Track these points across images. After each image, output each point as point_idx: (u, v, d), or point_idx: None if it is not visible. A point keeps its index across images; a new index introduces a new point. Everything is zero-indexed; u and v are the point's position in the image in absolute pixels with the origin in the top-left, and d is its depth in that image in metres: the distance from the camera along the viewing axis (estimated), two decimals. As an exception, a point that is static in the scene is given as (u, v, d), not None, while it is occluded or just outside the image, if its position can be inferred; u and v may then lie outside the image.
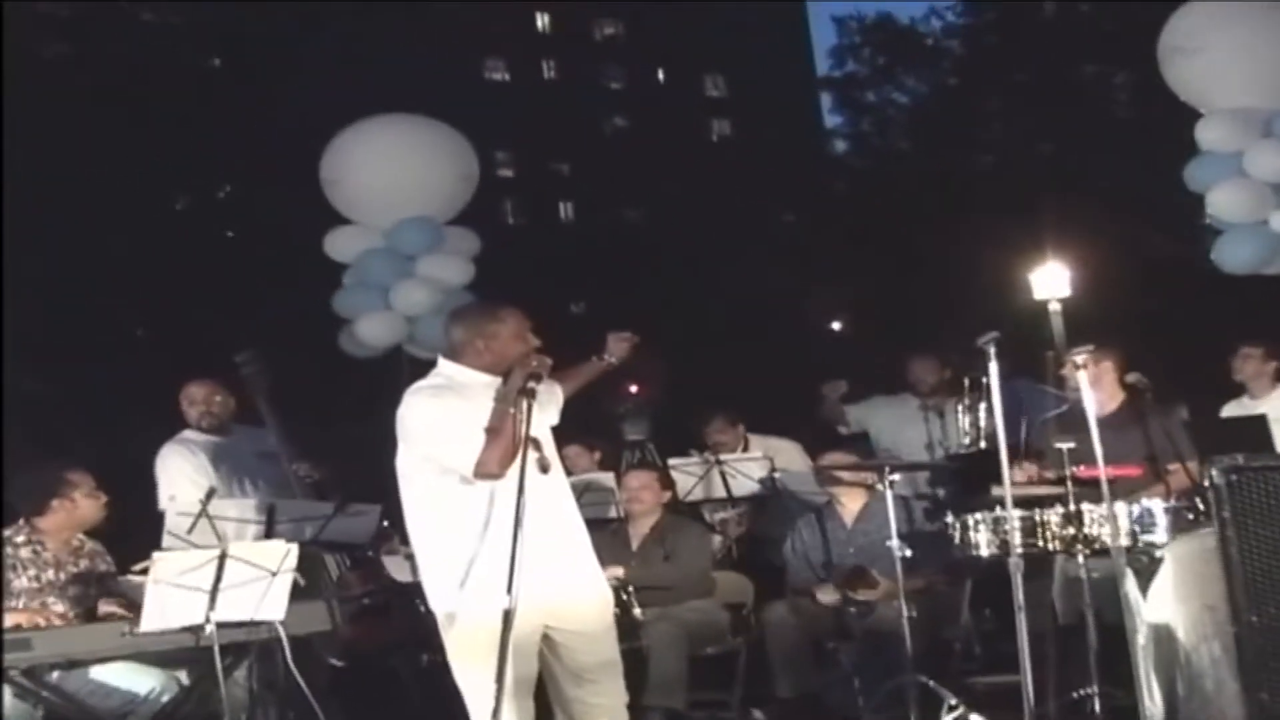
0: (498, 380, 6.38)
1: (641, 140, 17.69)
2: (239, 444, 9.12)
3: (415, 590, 8.20)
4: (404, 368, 12.20)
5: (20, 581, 7.30)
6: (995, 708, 7.87)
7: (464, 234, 12.47)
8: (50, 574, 7.38)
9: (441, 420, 6.29)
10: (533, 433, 6.28)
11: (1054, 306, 8.16)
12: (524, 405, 6.13)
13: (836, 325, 16.98)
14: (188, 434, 9.09)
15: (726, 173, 17.30)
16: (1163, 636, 6.03)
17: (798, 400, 11.18)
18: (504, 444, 6.19)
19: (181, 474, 8.86)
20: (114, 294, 14.05)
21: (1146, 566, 6.22)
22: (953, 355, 10.63)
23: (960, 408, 9.56)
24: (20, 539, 7.39)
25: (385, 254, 12.13)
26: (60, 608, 7.30)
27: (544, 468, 6.38)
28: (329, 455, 9.13)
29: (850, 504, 9.13)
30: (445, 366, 6.52)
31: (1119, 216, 13.88)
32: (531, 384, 6.19)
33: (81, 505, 7.52)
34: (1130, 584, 6.40)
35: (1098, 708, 7.58)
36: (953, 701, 7.86)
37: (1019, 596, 6.73)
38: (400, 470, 6.42)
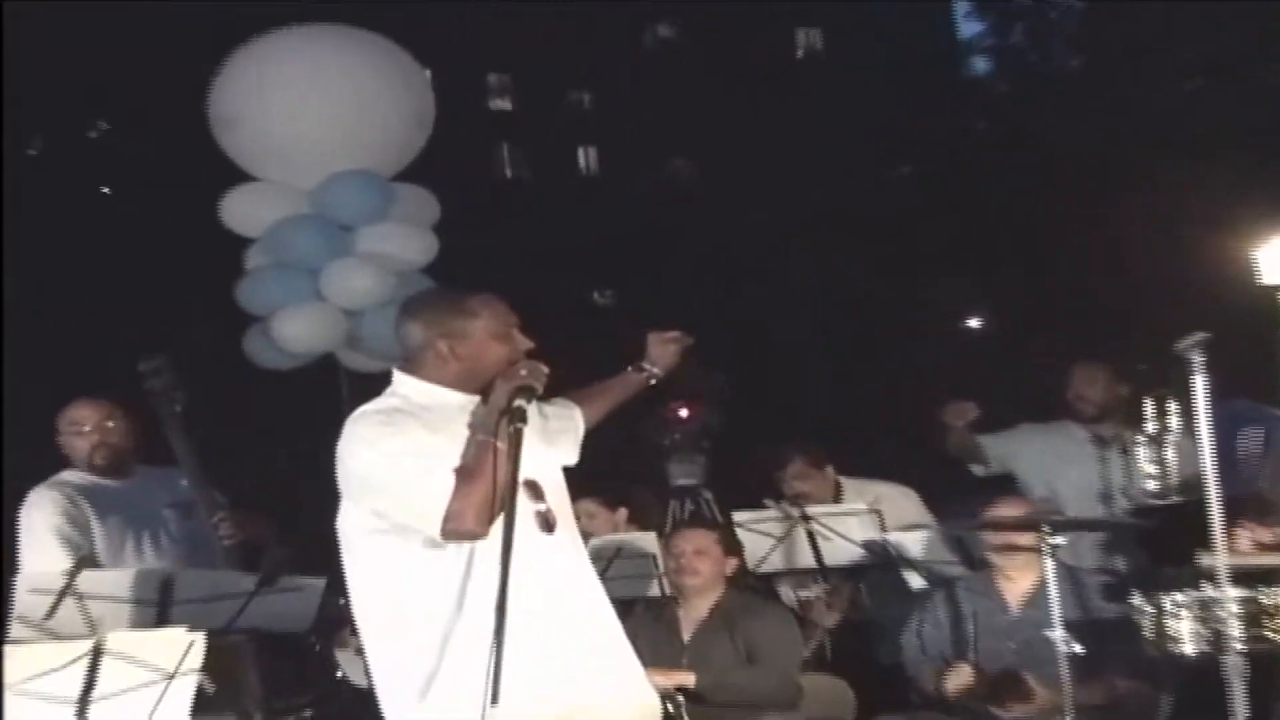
0: (474, 399, 6.31)
1: (693, 59, 17.44)
2: (140, 490, 9.12)
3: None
4: (341, 383, 12.23)
5: None
6: None
7: (422, 195, 12.47)
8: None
9: (394, 459, 6.12)
10: (529, 474, 6.18)
11: (1291, 295, 8.09)
12: (510, 434, 5.98)
13: (969, 324, 16.81)
14: (68, 475, 9.09)
15: (813, 105, 17.04)
16: None
17: (911, 430, 11.13)
18: (482, 490, 6.05)
19: (49, 530, 8.85)
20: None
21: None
22: (1135, 366, 10.60)
23: (1143, 441, 9.56)
24: None
25: (311, 223, 12.10)
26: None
27: (548, 525, 6.27)
28: (264, 505, 9.12)
29: (1020, 579, 8.99)
30: (401, 383, 6.41)
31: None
32: (519, 403, 6.04)
33: None
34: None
35: None
36: None
37: (1240, 712, 6.66)
38: (341, 531, 6.32)
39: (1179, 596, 7.46)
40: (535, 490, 6.25)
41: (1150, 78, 16.66)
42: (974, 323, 16.91)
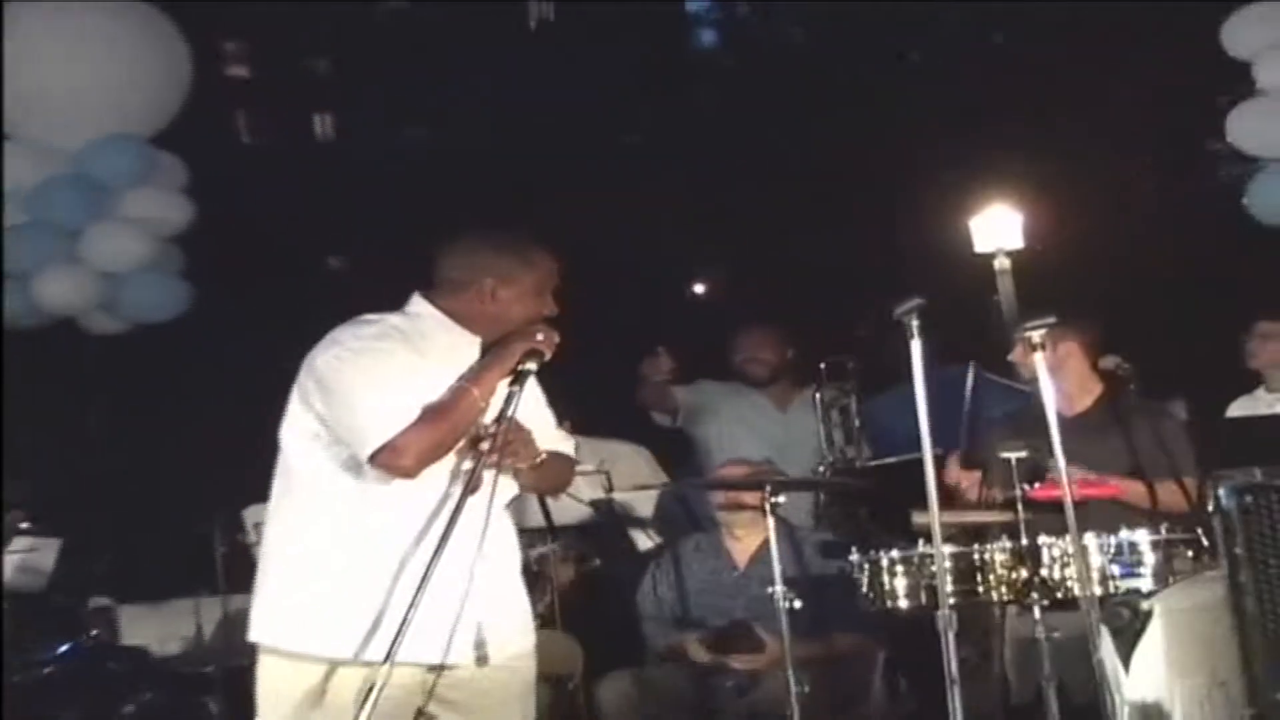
0: (476, 346, 6.18)
1: (429, 24, 17.51)
2: None
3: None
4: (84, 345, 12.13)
5: None
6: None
7: (175, 161, 12.39)
8: None
9: (363, 369, 5.93)
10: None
11: (1001, 264, 8.19)
12: (507, 393, 5.92)
13: (698, 288, 16.88)
14: None
15: (548, 68, 17.14)
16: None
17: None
18: (437, 434, 5.92)
19: None
20: None
21: (1129, 624, 6.25)
22: (852, 330, 10.73)
23: (822, 406, 9.66)
24: None
25: (71, 184, 11.98)
26: None
27: (474, 487, 5.97)
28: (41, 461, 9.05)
29: (746, 539, 9.08)
30: (417, 305, 6.22)
31: (1096, 142, 13.95)
32: (529, 365, 6.00)
33: None
34: (1107, 648, 6.43)
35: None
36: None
37: (951, 665, 6.73)
38: (281, 440, 6.10)
39: (894, 554, 7.57)
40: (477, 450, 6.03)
41: (872, 52, 16.82)
42: (701, 287, 16.97)
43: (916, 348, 6.65)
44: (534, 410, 6.28)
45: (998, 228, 7.46)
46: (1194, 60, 12.73)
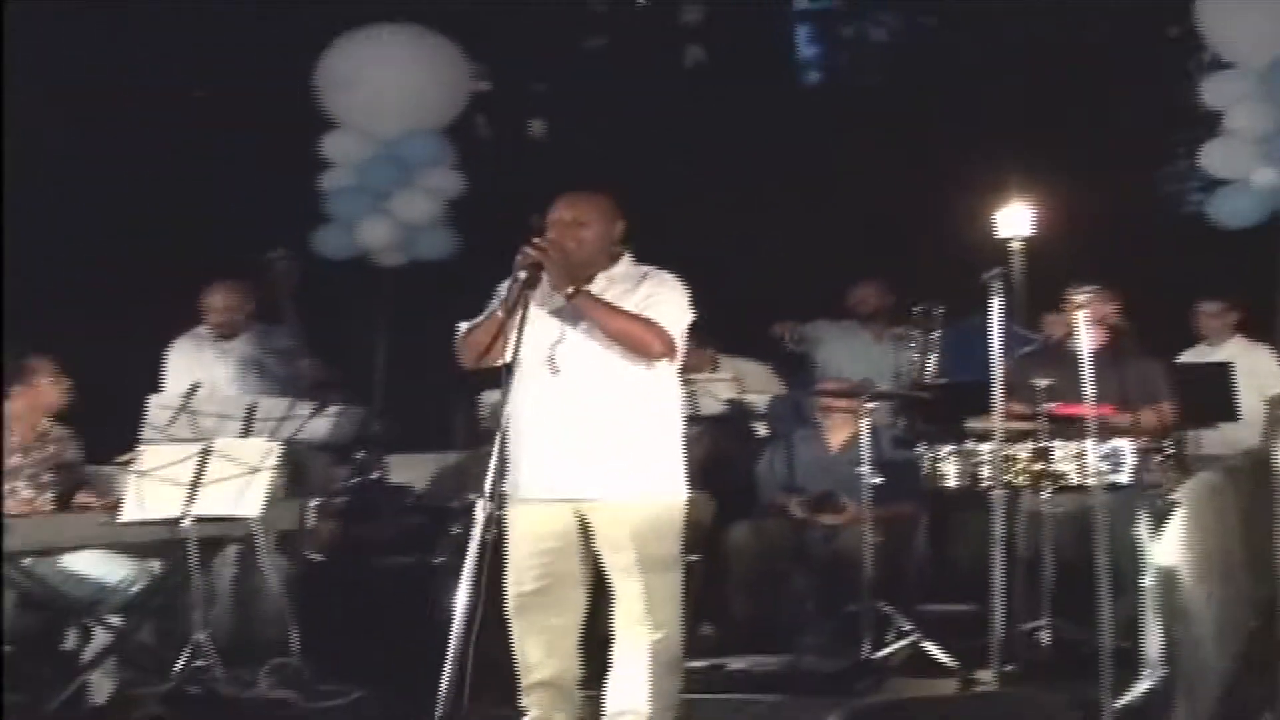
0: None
1: (617, 61, 17.51)
2: (252, 342, 9.08)
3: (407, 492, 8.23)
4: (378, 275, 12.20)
5: (-13, 466, 7.21)
6: (945, 635, 7.92)
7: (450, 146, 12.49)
8: (16, 459, 7.31)
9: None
10: (552, 330, 6.03)
11: (1015, 245, 8.14)
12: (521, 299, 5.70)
13: (794, 253, 16.75)
14: (200, 330, 9.04)
15: (697, 98, 17.15)
16: (1168, 581, 5.99)
17: (766, 322, 11.14)
18: (474, 335, 5.99)
19: (184, 367, 8.81)
20: (83, 190, 13.81)
21: (1160, 509, 6.17)
22: (900, 285, 10.69)
23: (912, 338, 9.60)
24: (-13, 424, 7.29)
25: (386, 162, 12.13)
26: (28, 493, 7.23)
27: (554, 368, 6.04)
28: (345, 356, 9.08)
29: (839, 433, 9.08)
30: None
31: (1096, 157, 13.84)
32: (521, 274, 5.74)
33: (44, 390, 7.43)
34: (1141, 526, 6.36)
35: (1048, 639, 7.66)
36: (907, 628, 7.91)
37: (997, 528, 6.73)
38: None
39: (949, 447, 7.57)
40: (550, 341, 6.03)
41: (928, 91, 16.70)
42: (796, 253, 16.77)
43: (995, 303, 6.67)
44: (637, 298, 6.08)
45: (1015, 219, 7.39)
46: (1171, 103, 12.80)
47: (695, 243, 12.01)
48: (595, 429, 6.02)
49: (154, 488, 6.67)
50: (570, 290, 5.88)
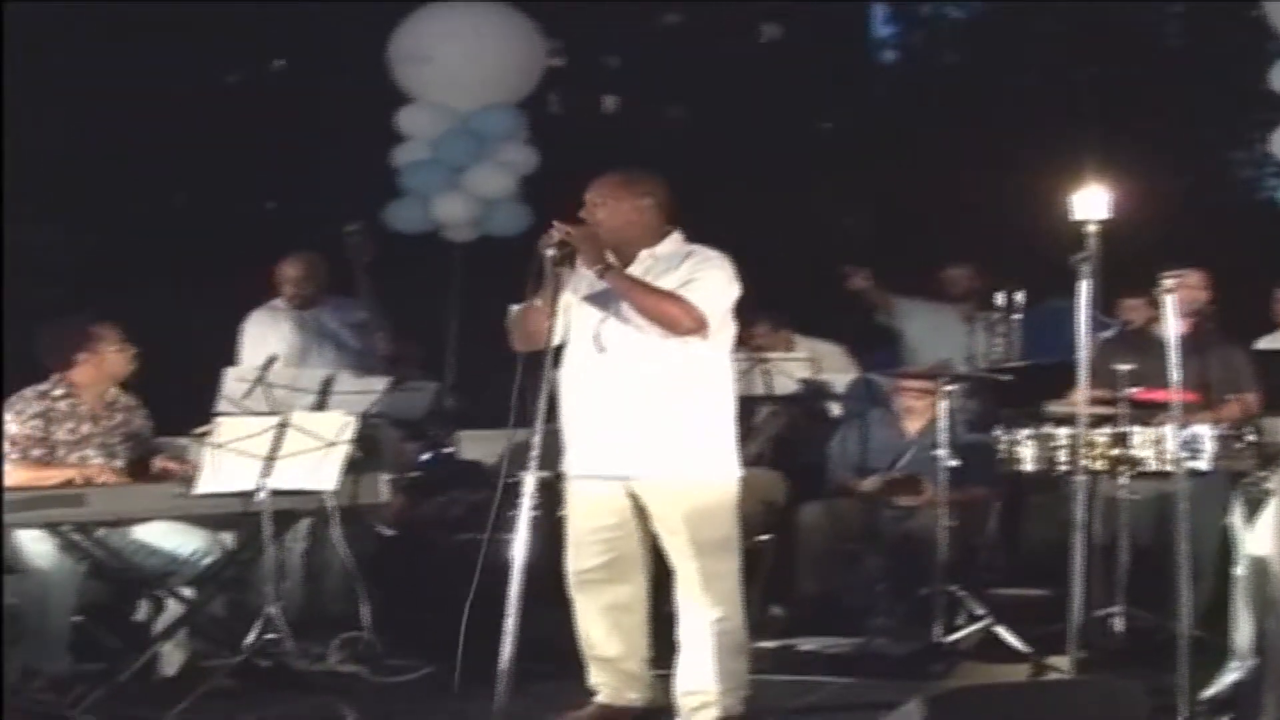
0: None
1: (692, 38, 17.39)
2: (327, 315, 9.07)
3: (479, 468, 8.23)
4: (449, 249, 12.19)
5: (59, 434, 7.23)
6: (1016, 620, 7.86)
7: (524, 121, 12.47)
8: (87, 427, 7.31)
9: None
10: (597, 310, 6.08)
11: (1091, 228, 8.05)
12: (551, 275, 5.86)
13: (872, 232, 16.64)
14: (276, 302, 9.04)
15: (772, 76, 17.03)
16: (1260, 570, 5.91)
17: (842, 304, 11.09)
18: (519, 320, 6.11)
19: (260, 339, 8.81)
20: (158, 162, 13.88)
21: (1255, 498, 6.09)
22: (985, 268, 10.62)
23: (992, 321, 9.54)
24: (59, 392, 7.29)
25: (462, 136, 12.08)
26: (98, 460, 7.24)
27: (600, 346, 6.08)
28: (417, 331, 9.08)
29: (916, 417, 9.01)
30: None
31: (1163, 142, 13.74)
32: (549, 252, 5.87)
33: (109, 358, 7.41)
34: (1236, 514, 6.28)
35: (1121, 626, 7.58)
36: (980, 612, 7.84)
37: (1080, 513, 6.65)
38: None
39: (1027, 431, 7.50)
40: (596, 319, 6.09)
41: (1004, 72, 16.60)
42: (874, 231, 16.72)
43: (1083, 285, 6.60)
44: (679, 276, 6.07)
45: (1091, 202, 7.32)
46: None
47: (766, 222, 12.00)
48: (640, 407, 6.04)
49: (230, 460, 6.66)
50: (600, 268, 5.92)
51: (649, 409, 6.03)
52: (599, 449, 6.10)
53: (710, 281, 6.06)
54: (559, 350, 5.95)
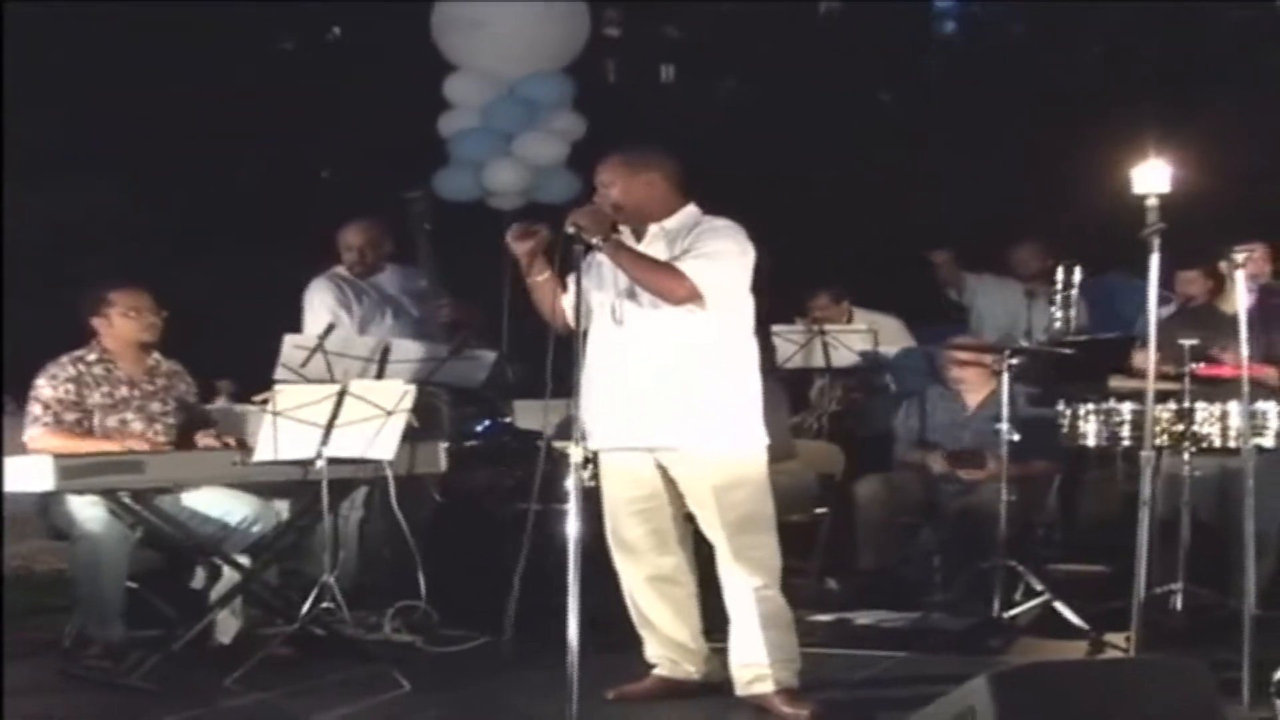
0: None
1: (748, 9, 17.21)
2: (388, 282, 9.04)
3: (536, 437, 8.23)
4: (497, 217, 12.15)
5: (93, 398, 7.20)
6: (1073, 596, 7.80)
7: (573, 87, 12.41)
8: (124, 390, 7.29)
9: None
10: (611, 284, 6.11)
11: (1152, 202, 7.96)
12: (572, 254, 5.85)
13: (933, 206, 16.51)
14: (338, 270, 9.02)
15: (830, 47, 16.92)
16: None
17: (901, 276, 11.05)
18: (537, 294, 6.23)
19: (323, 307, 8.79)
20: (219, 132, 13.90)
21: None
22: (1047, 242, 10.56)
23: (1057, 296, 9.48)
24: (92, 357, 7.27)
25: (511, 103, 12.03)
26: (138, 425, 7.23)
27: (616, 319, 6.11)
28: (471, 300, 9.03)
29: (977, 391, 8.95)
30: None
31: (1223, 116, 13.60)
32: (569, 229, 5.85)
33: (117, 323, 7.35)
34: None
35: (1180, 604, 7.51)
36: (1038, 587, 7.78)
37: (1146, 490, 6.56)
38: None
39: (1090, 405, 7.44)
40: (613, 294, 6.12)
41: (1068, 44, 16.45)
42: (936, 205, 16.54)
43: (1154, 260, 6.51)
44: (683, 246, 6.06)
45: (1152, 175, 7.23)
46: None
47: (822, 195, 11.93)
48: (658, 377, 6.05)
49: (288, 428, 6.65)
50: (598, 239, 5.89)
51: (667, 381, 6.03)
52: (622, 421, 6.10)
53: (709, 251, 6.03)
54: (579, 326, 5.92)
